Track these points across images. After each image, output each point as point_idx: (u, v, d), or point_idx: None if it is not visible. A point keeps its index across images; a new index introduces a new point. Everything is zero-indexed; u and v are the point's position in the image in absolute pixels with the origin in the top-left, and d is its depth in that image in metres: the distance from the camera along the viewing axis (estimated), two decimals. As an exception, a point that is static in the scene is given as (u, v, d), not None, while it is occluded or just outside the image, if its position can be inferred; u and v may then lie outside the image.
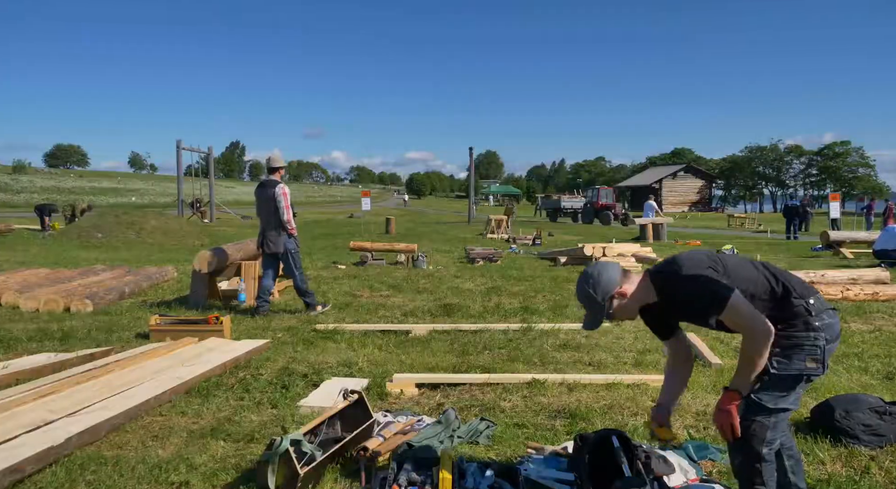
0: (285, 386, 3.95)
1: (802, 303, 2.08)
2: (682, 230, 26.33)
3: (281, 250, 6.29)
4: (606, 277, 2.20)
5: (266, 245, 6.31)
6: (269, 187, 6.30)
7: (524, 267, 11.10)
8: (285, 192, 6.27)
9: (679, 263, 2.17)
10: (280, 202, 6.21)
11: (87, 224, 16.82)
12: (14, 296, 6.72)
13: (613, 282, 2.19)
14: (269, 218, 6.28)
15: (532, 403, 3.67)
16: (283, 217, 6.24)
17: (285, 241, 6.30)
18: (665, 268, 2.22)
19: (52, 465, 2.66)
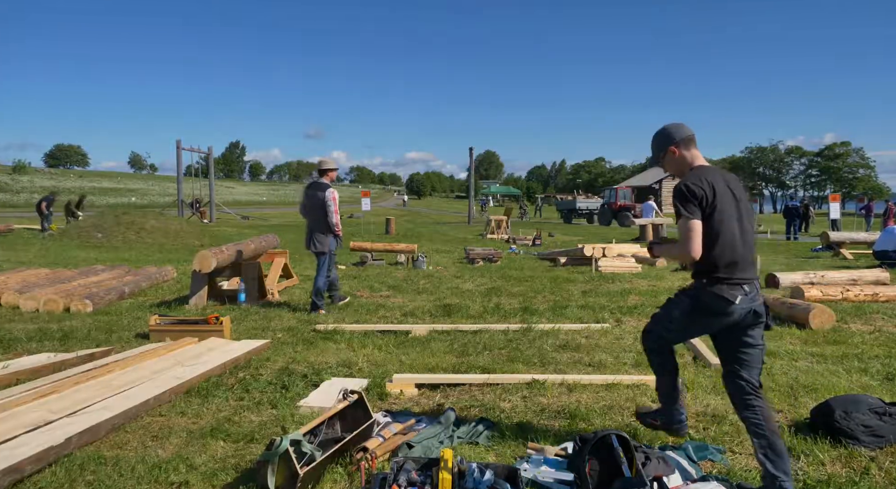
0: (285, 386, 3.95)
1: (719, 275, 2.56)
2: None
3: (325, 250, 6.61)
4: (674, 131, 2.81)
5: (313, 244, 6.61)
6: (319, 190, 6.59)
7: (524, 267, 11.10)
8: (335, 197, 6.58)
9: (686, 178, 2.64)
10: (329, 205, 6.50)
11: (87, 224, 16.82)
12: (14, 296, 6.72)
13: (672, 137, 2.78)
14: (318, 219, 6.55)
15: (532, 404, 3.67)
16: (331, 219, 6.53)
17: (330, 242, 6.62)
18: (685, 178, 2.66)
19: (51, 465, 2.66)
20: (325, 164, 6.80)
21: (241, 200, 58.43)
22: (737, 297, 2.54)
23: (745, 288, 2.57)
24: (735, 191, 2.64)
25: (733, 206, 2.60)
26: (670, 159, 2.78)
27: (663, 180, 60.27)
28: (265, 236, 9.00)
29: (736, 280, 2.56)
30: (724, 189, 2.60)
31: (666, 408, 2.88)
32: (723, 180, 2.63)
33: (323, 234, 6.58)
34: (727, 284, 2.55)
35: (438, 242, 17.08)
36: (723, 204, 2.56)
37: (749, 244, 2.63)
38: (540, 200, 51.32)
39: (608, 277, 9.59)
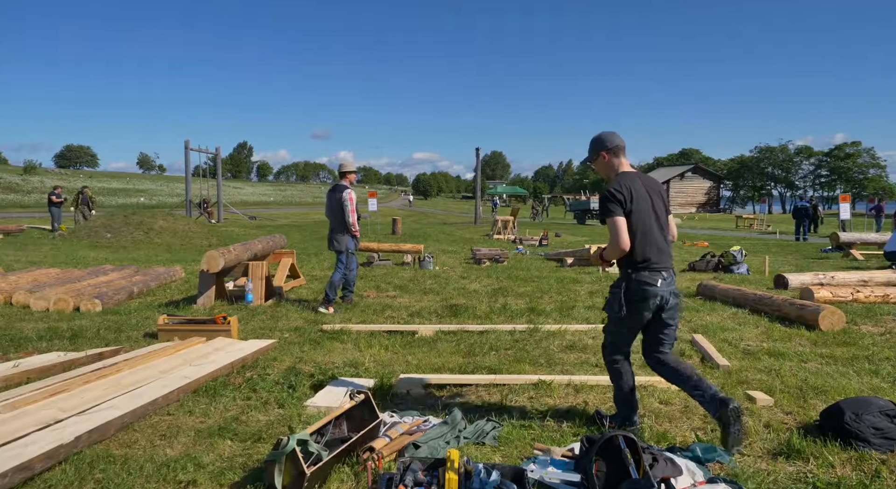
0: (292, 386, 3.96)
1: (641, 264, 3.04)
2: (689, 231, 26.22)
3: (343, 249, 6.87)
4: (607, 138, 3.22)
5: (331, 243, 6.88)
6: (338, 191, 6.83)
7: (531, 268, 11.08)
8: (351, 197, 6.82)
9: (610, 183, 3.11)
10: (346, 206, 6.75)
11: (96, 224, 16.95)
12: (25, 295, 6.78)
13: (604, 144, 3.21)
14: (337, 219, 6.81)
15: (538, 404, 3.66)
16: (348, 219, 6.78)
17: (348, 241, 6.87)
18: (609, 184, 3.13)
19: (61, 464, 2.68)
20: (345, 166, 7.06)
21: (249, 201, 58.69)
22: (658, 281, 3.04)
23: (664, 273, 3.06)
24: (652, 192, 3.13)
25: (650, 205, 3.08)
26: (601, 163, 3.23)
27: (671, 181, 60.02)
28: (272, 236, 9.04)
29: (655, 267, 3.05)
30: (641, 192, 3.09)
31: (624, 419, 3.25)
32: (641, 184, 3.12)
33: (341, 234, 6.85)
34: (649, 271, 3.04)
35: (445, 243, 17.08)
36: (640, 204, 3.04)
37: (664, 237, 3.12)
38: (546, 200, 51.17)
39: (615, 278, 9.55)
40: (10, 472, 2.36)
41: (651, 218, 3.07)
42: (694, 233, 25.53)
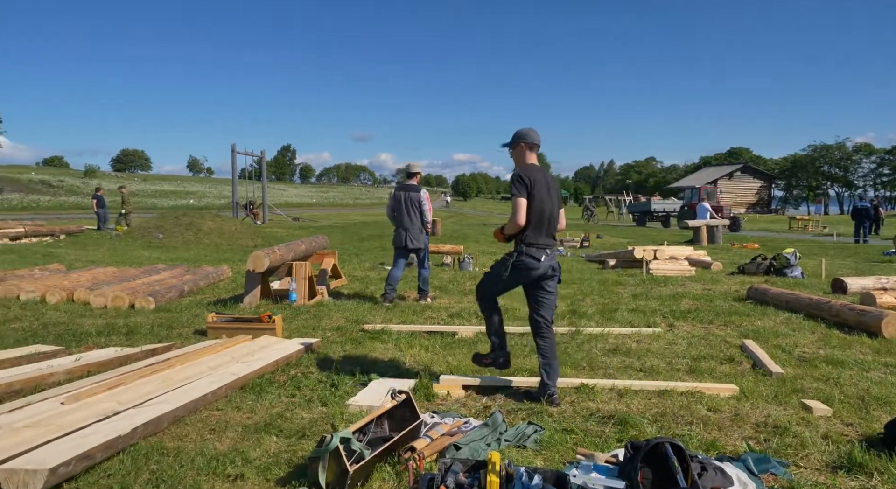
0: (334, 384, 4.03)
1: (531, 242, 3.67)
2: (739, 233, 25.32)
3: (422, 246, 7.27)
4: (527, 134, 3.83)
5: (409, 241, 7.21)
6: (413, 191, 7.24)
7: (572, 269, 10.93)
8: (428, 197, 7.31)
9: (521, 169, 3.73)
10: (424, 205, 7.20)
11: (149, 225, 17.67)
12: (85, 293, 7.12)
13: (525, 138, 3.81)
14: (413, 218, 7.19)
15: (581, 408, 3.61)
16: (426, 218, 7.24)
17: (424, 238, 7.27)
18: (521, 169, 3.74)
19: (119, 454, 2.80)
20: (413, 167, 7.43)
21: (292, 202, 60.03)
22: (542, 257, 3.68)
23: (548, 251, 3.73)
24: (550, 186, 3.78)
25: (546, 194, 3.71)
26: (518, 152, 3.84)
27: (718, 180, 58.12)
28: (315, 237, 9.22)
29: (541, 245, 3.70)
30: (542, 183, 3.71)
31: (496, 348, 3.95)
32: (542, 176, 3.76)
33: (419, 231, 7.22)
34: (536, 248, 3.68)
35: (485, 244, 17.03)
36: (539, 193, 3.67)
37: (553, 222, 3.79)
38: (587, 201, 50.28)
39: (659, 281, 9.33)
40: (73, 461, 2.49)
41: (545, 206, 3.71)
42: (744, 234, 24.64)
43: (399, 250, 7.37)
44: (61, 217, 28.38)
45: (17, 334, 5.49)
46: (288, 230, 22.90)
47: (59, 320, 6.11)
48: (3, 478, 2.33)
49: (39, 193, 45.09)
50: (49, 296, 7.06)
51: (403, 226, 7.23)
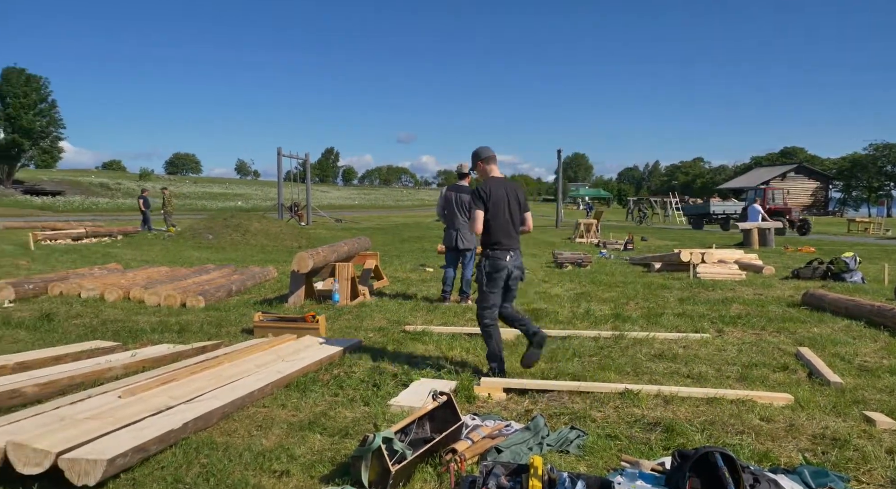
0: (376, 384, 4.07)
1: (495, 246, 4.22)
2: (794, 236, 24.27)
3: (472, 246, 7.26)
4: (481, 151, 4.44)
5: (460, 241, 7.24)
6: (464, 192, 7.15)
7: (615, 272, 10.73)
8: None
9: (480, 184, 4.31)
10: None
11: (200, 226, 18.32)
12: (140, 291, 7.44)
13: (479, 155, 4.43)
14: (464, 218, 7.16)
15: (625, 414, 3.53)
16: None
17: (474, 239, 7.18)
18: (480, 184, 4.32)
19: (171, 447, 2.91)
20: (464, 168, 7.38)
21: (335, 204, 61.09)
22: (506, 258, 4.21)
23: (511, 253, 4.23)
24: (509, 194, 4.28)
25: (505, 203, 4.24)
26: (479, 169, 4.44)
27: (771, 181, 55.97)
28: (357, 239, 9.35)
29: (504, 248, 4.21)
30: (500, 192, 4.24)
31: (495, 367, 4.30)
32: (502, 187, 4.29)
33: (469, 232, 7.13)
34: (500, 250, 4.21)
35: (525, 245, 16.87)
36: (497, 201, 4.21)
37: (515, 227, 4.28)
38: (632, 203, 49.18)
39: (707, 285, 9.04)
40: (129, 452, 2.60)
41: (504, 213, 4.23)
42: (798, 237, 23.62)
43: (450, 251, 7.44)
44: (118, 218, 29.76)
45: (79, 330, 5.78)
46: (331, 231, 23.32)
47: (116, 317, 6.40)
48: (67, 467, 2.45)
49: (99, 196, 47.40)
50: (107, 294, 7.40)
51: (454, 226, 7.28)
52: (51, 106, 48.58)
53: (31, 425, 2.83)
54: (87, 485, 2.44)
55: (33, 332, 5.62)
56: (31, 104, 46.31)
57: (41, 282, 7.63)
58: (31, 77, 47.05)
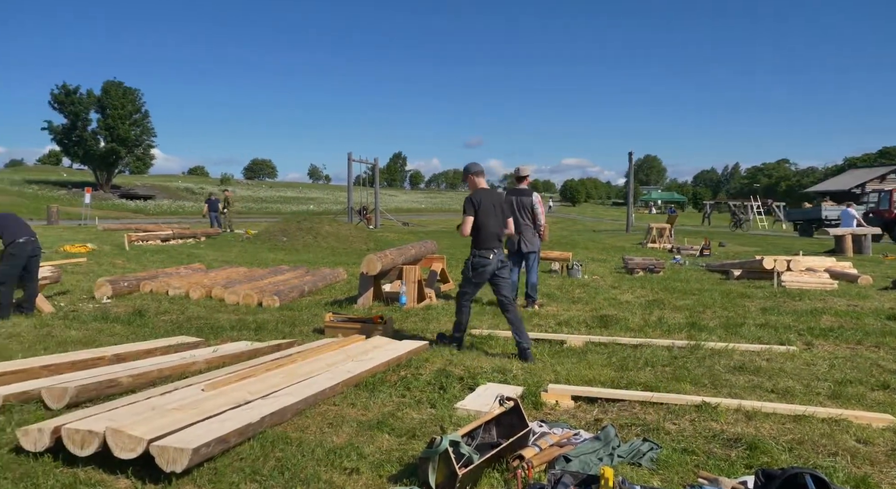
0: (443, 387, 4.09)
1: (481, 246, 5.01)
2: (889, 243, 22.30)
3: (535, 249, 7.30)
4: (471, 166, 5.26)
5: (523, 244, 7.23)
6: (524, 195, 7.29)
7: (690, 279, 10.26)
8: (540, 200, 7.42)
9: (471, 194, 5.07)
10: (538, 208, 7.27)
11: (275, 229, 19.17)
12: (221, 290, 7.87)
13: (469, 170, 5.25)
14: (526, 221, 7.25)
15: (702, 428, 3.36)
16: (540, 221, 7.28)
17: (537, 242, 7.30)
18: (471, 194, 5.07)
19: (249, 440, 3.05)
20: (523, 170, 7.46)
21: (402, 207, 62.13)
22: (490, 256, 4.98)
23: (495, 251, 5.02)
24: (495, 203, 5.09)
25: (492, 210, 5.02)
26: (469, 181, 5.23)
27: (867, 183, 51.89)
28: (424, 242, 9.46)
29: (489, 247, 4.99)
30: (487, 201, 5.02)
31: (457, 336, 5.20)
32: (489, 197, 5.08)
33: (532, 234, 7.22)
34: (484, 250, 4.99)
35: (594, 250, 16.49)
36: (485, 209, 4.99)
37: (500, 231, 5.10)
38: (708, 207, 46.84)
39: (794, 294, 8.47)
40: (212, 443, 2.75)
41: (490, 218, 5.01)
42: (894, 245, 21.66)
43: (512, 255, 7.38)
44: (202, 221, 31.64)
45: (167, 325, 6.19)
46: (398, 234, 23.74)
47: (199, 314, 6.80)
48: (157, 454, 2.63)
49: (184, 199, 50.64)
50: (192, 293, 7.88)
51: (517, 230, 7.21)
52: (144, 116, 52.41)
53: (126, 413, 3.05)
54: (175, 471, 2.60)
55: (127, 326, 6.07)
56: (127, 115, 50.17)
57: (134, 281, 8.23)
58: (128, 90, 50.97)
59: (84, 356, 4.44)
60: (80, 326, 5.96)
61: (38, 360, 4.29)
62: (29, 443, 2.84)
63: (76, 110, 48.65)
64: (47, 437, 2.82)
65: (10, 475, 2.69)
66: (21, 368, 4.01)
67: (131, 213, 38.69)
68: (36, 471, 2.70)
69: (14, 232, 6.24)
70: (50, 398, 3.51)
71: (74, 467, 2.75)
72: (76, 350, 4.88)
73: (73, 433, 2.76)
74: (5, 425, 3.22)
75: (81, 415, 3.02)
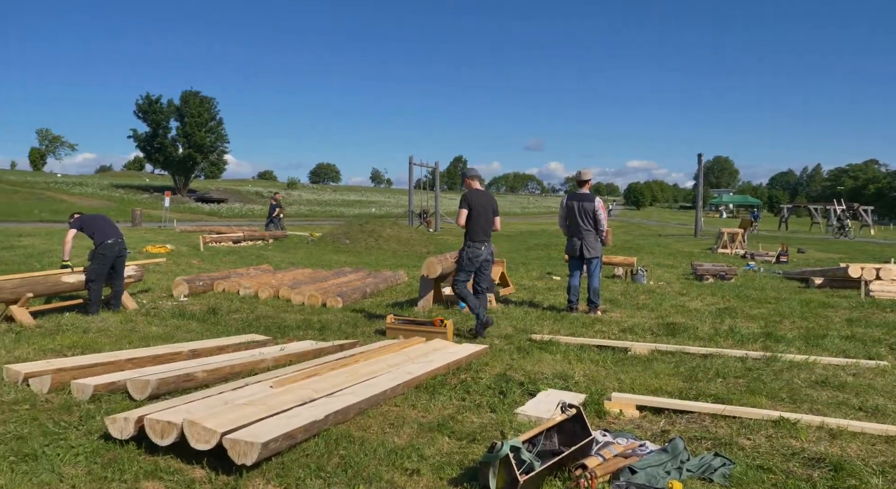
0: (503, 391, 4.06)
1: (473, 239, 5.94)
2: None
3: (598, 254, 7.14)
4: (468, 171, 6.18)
5: (585, 250, 7.11)
6: (586, 200, 7.14)
7: (766, 287, 9.71)
8: (603, 205, 7.24)
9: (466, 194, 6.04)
10: (600, 214, 7.12)
11: (338, 232, 19.71)
12: (288, 291, 8.16)
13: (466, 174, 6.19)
14: (588, 226, 7.10)
15: (779, 445, 3.17)
16: (602, 227, 7.13)
17: (600, 248, 7.17)
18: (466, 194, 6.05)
19: (314, 437, 3.14)
20: (584, 175, 7.34)
21: (462, 211, 62.13)
22: (481, 247, 5.92)
23: (486, 243, 5.95)
24: (485, 202, 5.97)
25: (482, 208, 5.90)
26: (466, 183, 6.11)
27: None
28: (485, 245, 9.42)
29: (480, 240, 5.91)
30: (478, 201, 5.90)
31: (480, 316, 5.83)
32: (481, 196, 5.96)
33: (594, 240, 7.08)
34: (476, 242, 5.90)
35: (660, 256, 15.92)
36: (477, 207, 5.88)
37: (488, 224, 5.99)
38: (786, 211, 44.19)
39: (885, 305, 7.85)
40: (280, 438, 2.85)
41: (481, 216, 5.90)
42: None
43: (574, 259, 7.28)
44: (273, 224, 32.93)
45: (238, 323, 6.48)
46: (458, 238, 23.80)
47: (267, 314, 7.07)
48: (229, 446, 2.75)
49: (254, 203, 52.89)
50: (260, 293, 8.21)
51: (579, 235, 7.13)
52: (218, 123, 55.25)
53: (201, 406, 3.21)
54: (245, 464, 2.71)
55: (202, 323, 6.40)
56: (203, 122, 53.06)
57: (208, 280, 8.67)
58: (204, 98, 53.91)
59: (164, 351, 4.72)
60: (160, 323, 6.34)
61: (123, 354, 4.60)
62: (116, 430, 3.05)
63: (157, 119, 51.94)
64: (132, 426, 3.01)
65: (100, 460, 2.89)
66: (109, 360, 4.31)
67: (206, 215, 40.81)
68: (122, 458, 2.89)
69: (104, 233, 6.73)
70: (134, 389, 3.75)
71: (155, 455, 2.92)
72: (157, 345, 5.19)
73: (154, 423, 2.94)
74: (95, 413, 3.47)
75: (161, 407, 3.21)
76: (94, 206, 36.54)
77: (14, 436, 3.14)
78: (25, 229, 19.24)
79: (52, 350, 4.98)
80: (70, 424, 3.32)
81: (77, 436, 3.16)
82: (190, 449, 2.85)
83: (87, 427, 3.29)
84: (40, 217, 28.42)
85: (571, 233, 7.22)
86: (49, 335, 5.46)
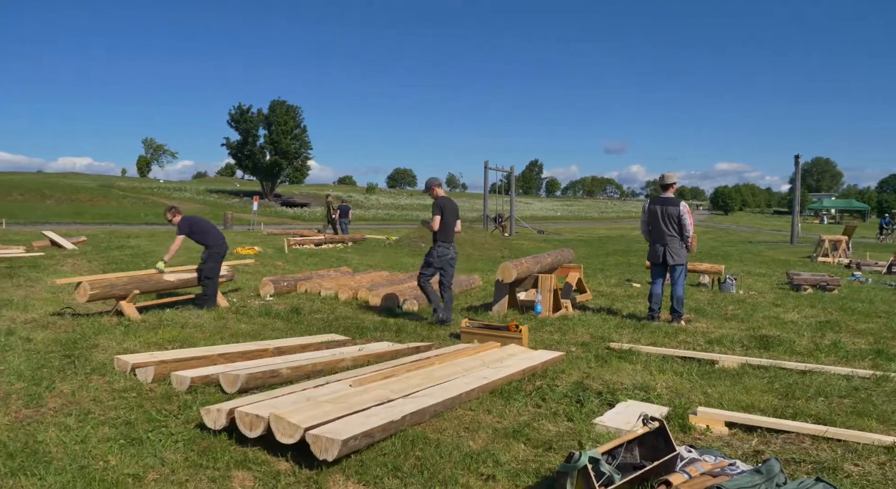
0: (580, 400, 3.96)
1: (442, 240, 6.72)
2: None
3: (682, 261, 6.88)
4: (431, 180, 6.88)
5: (669, 256, 6.85)
6: (670, 204, 6.88)
7: (875, 300, 8.87)
8: (688, 210, 6.92)
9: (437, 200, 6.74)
10: (685, 219, 6.82)
11: (414, 235, 20.06)
12: (366, 292, 8.39)
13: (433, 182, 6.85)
14: (672, 232, 6.85)
15: (893, 474, 2.88)
16: (688, 232, 6.84)
17: (684, 254, 6.90)
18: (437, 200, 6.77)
19: (391, 437, 3.20)
20: (668, 178, 7.09)
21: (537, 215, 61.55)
22: (449, 248, 6.69)
23: (451, 244, 6.74)
24: (453, 206, 6.76)
25: (451, 213, 6.70)
26: (433, 191, 6.76)
27: None
28: (561, 250, 9.26)
29: (449, 241, 6.69)
30: (449, 206, 6.69)
31: (437, 312, 6.72)
32: (449, 202, 6.72)
33: (678, 246, 6.83)
34: (445, 243, 6.67)
35: (750, 264, 14.95)
36: (447, 212, 6.65)
37: (453, 227, 6.75)
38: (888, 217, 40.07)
39: None
40: (359, 436, 2.93)
41: (450, 218, 6.67)
42: None
43: (656, 266, 7.02)
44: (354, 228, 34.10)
45: (319, 323, 6.73)
46: (533, 242, 23.54)
47: (346, 314, 7.30)
48: (312, 442, 2.86)
49: (335, 208, 55.00)
50: (340, 294, 8.49)
51: (662, 241, 6.86)
52: (302, 131, 57.96)
53: (286, 402, 3.36)
54: (327, 460, 2.81)
55: (286, 322, 6.71)
56: (288, 130, 55.90)
57: (292, 281, 9.08)
58: (290, 107, 56.78)
59: (252, 347, 4.99)
60: (248, 320, 6.72)
61: (216, 349, 4.91)
62: (210, 421, 3.26)
63: (247, 127, 55.27)
64: (224, 418, 3.21)
65: (196, 448, 3.10)
66: (203, 355, 4.62)
67: (290, 219, 42.86)
68: (215, 447, 3.08)
69: (216, 235, 7.44)
70: (226, 383, 3.99)
71: (244, 446, 3.09)
72: (245, 341, 5.50)
73: (244, 416, 3.11)
74: (192, 403, 3.72)
75: (250, 401, 3.39)
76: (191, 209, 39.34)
77: (123, 421, 3.44)
78: (133, 231, 21.02)
79: (155, 343, 5.39)
80: (170, 413, 3.58)
81: (176, 424, 3.40)
82: (275, 442, 2.99)
83: (185, 416, 3.54)
84: (146, 220, 31.01)
85: (654, 238, 6.97)
86: (152, 329, 5.93)
